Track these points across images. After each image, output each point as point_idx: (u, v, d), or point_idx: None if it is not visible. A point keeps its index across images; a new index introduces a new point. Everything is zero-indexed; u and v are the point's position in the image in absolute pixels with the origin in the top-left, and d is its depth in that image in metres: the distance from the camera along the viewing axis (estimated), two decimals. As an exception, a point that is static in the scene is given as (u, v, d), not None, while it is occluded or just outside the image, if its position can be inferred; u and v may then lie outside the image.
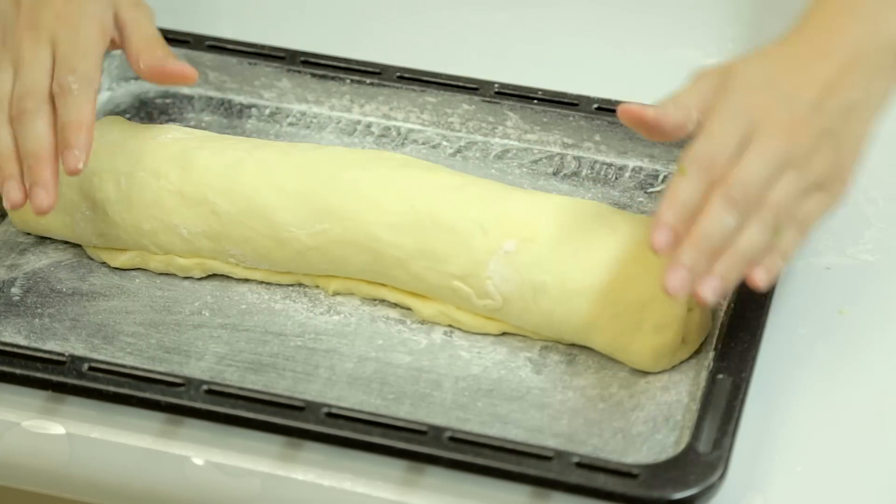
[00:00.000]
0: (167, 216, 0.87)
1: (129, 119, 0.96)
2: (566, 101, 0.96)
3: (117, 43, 0.91)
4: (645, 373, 0.83)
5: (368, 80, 0.98)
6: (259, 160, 0.88)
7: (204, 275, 0.89)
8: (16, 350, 0.82)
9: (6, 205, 0.85)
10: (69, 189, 0.88)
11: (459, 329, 0.86)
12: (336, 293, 0.87)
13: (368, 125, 0.98)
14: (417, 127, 0.98)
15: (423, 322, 0.86)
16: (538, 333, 0.85)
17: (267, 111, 0.99)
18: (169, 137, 0.90)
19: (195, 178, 0.87)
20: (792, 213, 0.80)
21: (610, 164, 0.95)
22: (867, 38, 0.82)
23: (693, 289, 0.77)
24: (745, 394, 0.79)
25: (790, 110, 0.81)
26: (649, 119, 0.82)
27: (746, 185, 0.79)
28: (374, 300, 0.87)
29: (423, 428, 0.78)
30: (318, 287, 0.88)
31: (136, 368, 0.81)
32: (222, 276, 0.89)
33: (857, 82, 0.82)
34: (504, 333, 0.85)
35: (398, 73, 0.98)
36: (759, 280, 0.79)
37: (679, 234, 0.78)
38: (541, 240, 0.83)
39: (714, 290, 0.78)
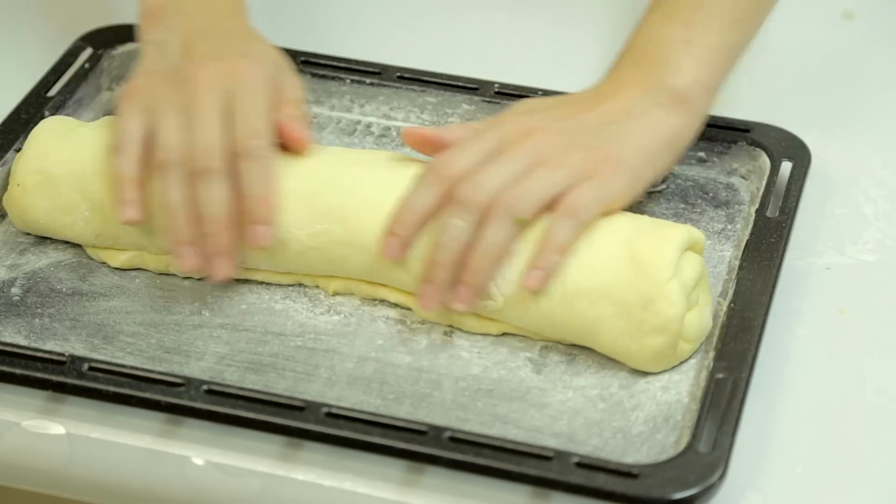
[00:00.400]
0: (166, 217, 0.87)
1: (129, 119, 0.96)
2: (566, 101, 0.96)
3: None
4: (645, 373, 0.83)
5: (368, 80, 0.98)
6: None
7: (203, 275, 0.89)
8: (16, 350, 0.82)
9: (179, 268, 0.84)
10: (69, 189, 0.88)
11: (459, 329, 0.86)
12: (336, 293, 0.87)
13: (368, 125, 0.98)
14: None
15: (423, 322, 0.86)
16: (538, 334, 0.85)
17: (267, 111, 0.99)
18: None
19: (195, 178, 0.87)
20: (535, 201, 0.82)
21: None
22: (647, 82, 0.87)
23: (447, 303, 0.82)
24: (744, 394, 0.79)
25: (544, 123, 0.85)
26: (430, 136, 0.85)
27: (476, 186, 0.82)
28: (374, 300, 0.87)
29: (423, 428, 0.78)
30: (318, 287, 0.88)
31: (136, 368, 0.81)
32: (222, 276, 0.89)
33: (630, 111, 0.86)
34: (504, 333, 0.85)
35: (398, 73, 0.98)
36: (532, 284, 0.82)
37: (405, 239, 0.82)
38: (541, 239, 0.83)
39: (464, 298, 0.82)
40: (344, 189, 0.86)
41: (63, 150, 0.89)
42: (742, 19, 0.89)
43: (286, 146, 0.87)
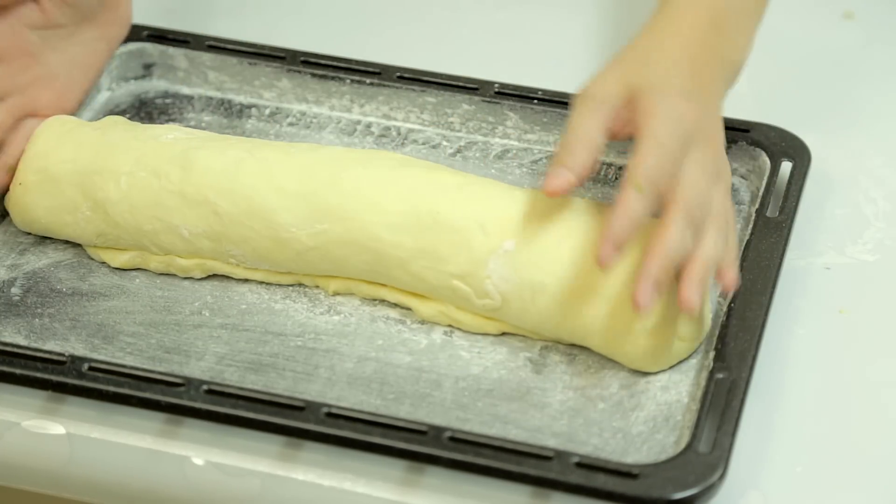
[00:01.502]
0: (168, 216, 0.87)
1: (129, 119, 0.96)
2: (566, 101, 0.96)
3: None
4: (645, 373, 0.83)
5: (368, 80, 0.98)
6: (260, 160, 0.88)
7: (204, 275, 0.89)
8: (16, 350, 0.82)
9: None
10: (70, 188, 0.88)
11: (459, 329, 0.86)
12: (336, 293, 0.88)
13: (368, 125, 0.98)
14: (417, 127, 0.98)
15: (422, 322, 0.86)
16: (537, 333, 0.85)
17: (267, 111, 0.99)
18: (170, 137, 0.90)
19: (196, 179, 0.87)
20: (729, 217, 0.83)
21: (609, 164, 0.95)
22: (724, 52, 0.87)
23: (683, 301, 0.80)
24: (744, 394, 0.79)
25: (702, 115, 0.84)
26: (572, 184, 0.82)
27: (699, 202, 0.81)
28: (374, 300, 0.87)
29: (423, 428, 0.78)
30: (318, 287, 0.88)
31: (136, 368, 0.81)
32: (222, 276, 0.89)
33: (717, 77, 0.86)
34: (504, 333, 0.86)
35: (398, 73, 0.98)
36: (732, 283, 0.82)
37: (623, 249, 0.80)
38: (540, 239, 0.83)
39: (695, 301, 0.80)
40: (344, 189, 0.86)
41: (64, 149, 0.90)
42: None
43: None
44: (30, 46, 0.92)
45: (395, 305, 0.87)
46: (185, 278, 0.89)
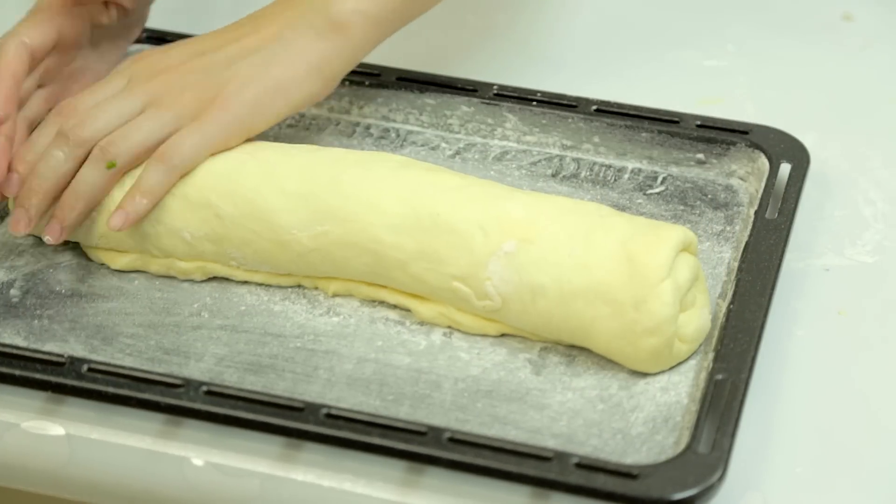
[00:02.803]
0: (170, 219, 0.87)
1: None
2: (565, 102, 0.96)
3: None
4: (644, 374, 0.83)
5: (367, 82, 0.98)
6: (261, 161, 0.88)
7: (204, 278, 0.89)
8: (15, 351, 0.82)
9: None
10: None
11: (459, 330, 0.86)
12: (336, 295, 0.88)
13: (367, 127, 0.99)
14: (416, 129, 0.98)
15: (422, 323, 0.86)
16: (537, 335, 0.85)
17: (266, 113, 0.99)
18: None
19: (198, 181, 0.87)
20: (131, 147, 0.84)
21: (609, 166, 0.96)
22: (310, 6, 0.87)
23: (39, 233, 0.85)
24: (744, 395, 0.80)
25: (174, 59, 0.87)
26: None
27: (82, 122, 0.84)
28: (374, 302, 0.88)
29: (423, 429, 0.78)
30: (317, 289, 0.88)
31: (136, 370, 0.81)
32: (222, 278, 0.89)
33: (275, 36, 0.87)
34: (503, 335, 0.86)
35: (397, 75, 0.98)
36: (113, 224, 0.84)
37: (23, 175, 0.84)
38: (540, 241, 0.84)
39: (51, 231, 0.85)
40: (344, 190, 0.86)
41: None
42: None
43: None
44: (82, 40, 0.94)
45: (395, 307, 0.87)
46: (185, 280, 0.89)
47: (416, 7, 0.90)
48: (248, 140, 0.91)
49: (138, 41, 1.00)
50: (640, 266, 0.81)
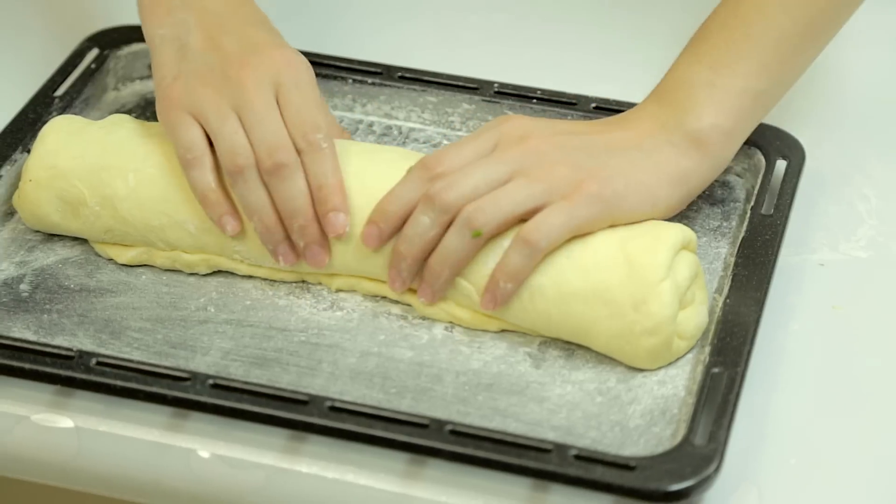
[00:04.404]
0: (175, 212, 0.87)
1: (135, 118, 0.97)
2: (564, 100, 0.96)
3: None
4: (642, 368, 0.83)
5: (370, 80, 0.98)
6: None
7: (209, 271, 0.89)
8: (25, 345, 0.82)
9: (281, 263, 0.85)
10: (79, 184, 0.89)
11: (460, 325, 0.86)
12: (339, 290, 0.88)
13: (370, 124, 0.99)
14: (418, 126, 0.98)
15: (424, 318, 0.86)
16: (537, 332, 0.85)
17: (270, 110, 0.99)
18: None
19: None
20: (498, 216, 0.80)
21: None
22: (665, 119, 0.85)
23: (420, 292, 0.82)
24: (740, 388, 0.80)
25: (546, 133, 0.83)
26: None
27: (449, 185, 0.81)
28: (377, 297, 0.88)
29: (425, 421, 0.78)
30: (320, 284, 0.88)
31: (143, 363, 0.82)
32: (227, 272, 0.89)
33: (641, 145, 0.84)
34: (503, 330, 0.86)
35: (399, 73, 0.98)
36: (485, 307, 0.82)
37: (385, 232, 0.82)
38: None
39: (424, 293, 0.83)
40: (347, 183, 0.86)
41: (73, 147, 0.90)
42: (772, 65, 0.86)
43: None
44: None
45: (397, 302, 0.87)
46: (191, 275, 0.89)
47: (763, 113, 0.87)
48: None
49: (143, 41, 0.99)
50: (638, 267, 0.81)
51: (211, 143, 0.85)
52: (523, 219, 0.82)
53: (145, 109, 0.99)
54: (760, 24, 0.86)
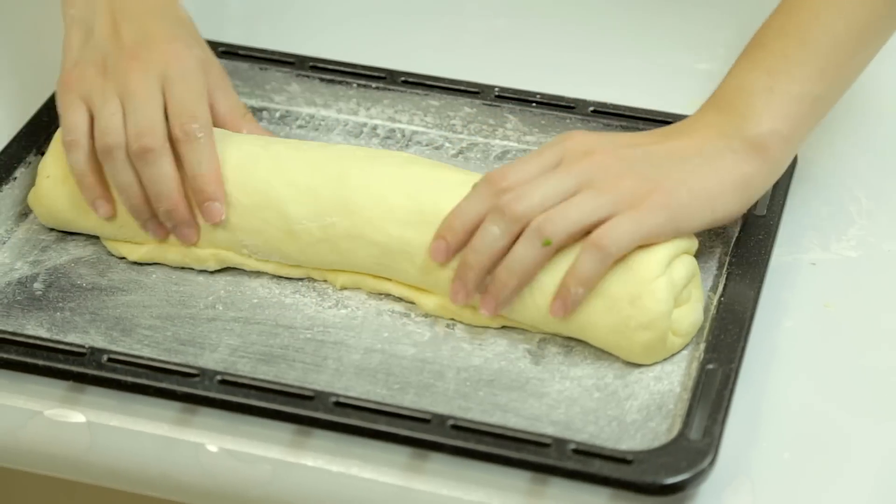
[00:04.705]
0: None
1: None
2: (563, 104, 0.96)
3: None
4: (639, 364, 0.83)
5: (374, 85, 0.98)
6: (273, 155, 0.88)
7: (218, 266, 0.89)
8: (38, 342, 0.82)
9: (154, 237, 0.86)
10: (92, 179, 0.89)
11: (461, 322, 0.86)
12: (343, 287, 0.88)
13: (374, 127, 0.98)
14: (421, 129, 0.98)
15: (426, 315, 0.86)
16: (536, 327, 0.85)
17: (277, 114, 0.99)
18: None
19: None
20: (568, 226, 0.80)
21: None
22: (724, 126, 0.84)
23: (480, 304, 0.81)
24: (734, 384, 0.80)
25: (609, 147, 0.82)
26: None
27: (518, 197, 0.80)
28: (380, 295, 0.88)
29: (427, 416, 0.78)
30: (326, 281, 0.88)
31: (153, 360, 0.82)
32: (235, 271, 0.89)
33: (702, 151, 0.83)
34: (504, 327, 0.86)
35: (403, 78, 0.98)
36: (555, 313, 0.81)
37: (453, 246, 0.81)
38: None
39: (486, 305, 0.82)
40: (351, 184, 0.86)
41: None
42: (829, 70, 0.85)
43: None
44: None
45: (400, 300, 0.87)
46: (200, 273, 0.89)
47: (819, 118, 0.86)
48: (259, 136, 0.91)
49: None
50: (635, 264, 0.81)
51: None
52: (588, 231, 0.81)
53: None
54: (817, 30, 0.85)
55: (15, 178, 0.92)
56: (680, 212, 0.81)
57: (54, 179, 0.89)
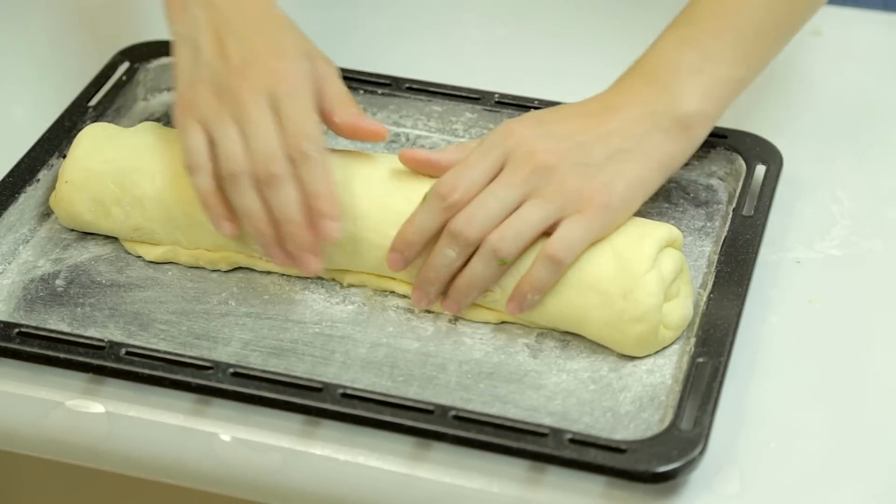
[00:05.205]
0: (198, 212, 0.87)
1: (162, 125, 0.96)
2: (560, 109, 0.96)
3: None
4: (632, 357, 0.83)
5: (380, 91, 0.98)
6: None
7: (229, 268, 0.89)
8: (60, 336, 0.82)
9: (277, 263, 0.84)
10: (111, 185, 0.88)
11: (462, 318, 0.86)
12: (350, 285, 0.88)
13: (380, 132, 0.98)
14: (424, 133, 0.98)
15: (429, 311, 0.86)
16: (534, 322, 0.85)
17: (287, 119, 0.99)
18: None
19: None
20: (521, 243, 0.80)
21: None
22: (654, 103, 0.84)
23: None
24: (723, 376, 0.79)
25: (547, 144, 0.82)
26: (425, 159, 0.84)
27: (468, 221, 0.80)
28: (385, 291, 0.87)
29: (430, 407, 0.78)
30: (333, 280, 0.88)
31: (169, 353, 0.81)
32: (247, 269, 0.89)
33: (632, 134, 0.83)
34: (503, 322, 0.86)
35: (407, 84, 0.98)
36: (511, 310, 0.82)
37: (410, 258, 0.82)
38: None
39: (449, 308, 0.83)
40: (355, 190, 0.86)
41: (105, 151, 0.90)
42: (752, 55, 0.86)
43: (363, 137, 0.86)
44: None
45: (404, 296, 0.87)
46: (213, 271, 0.89)
47: (734, 98, 0.86)
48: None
49: (170, 54, 0.99)
50: (626, 260, 0.81)
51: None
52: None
53: (172, 118, 0.99)
54: (746, 14, 0.85)
55: (38, 180, 0.92)
56: (619, 206, 0.82)
57: (72, 185, 0.89)
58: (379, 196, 0.85)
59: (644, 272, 0.81)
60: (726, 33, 0.85)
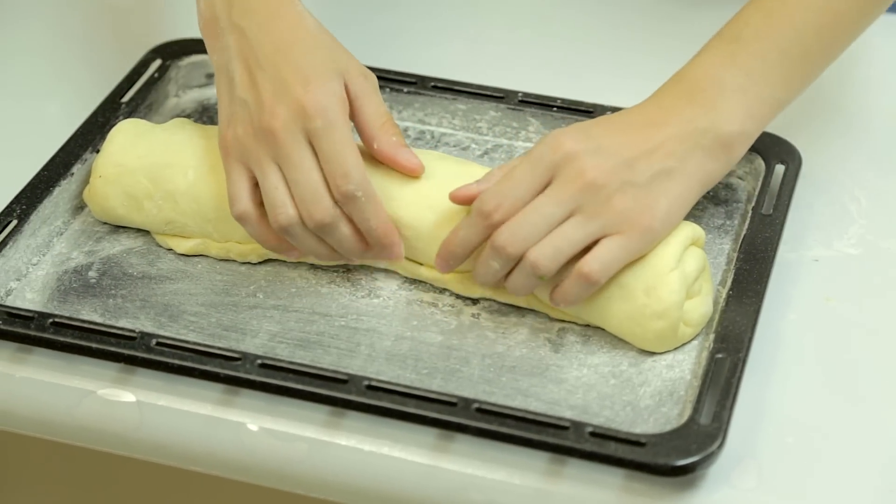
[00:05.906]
0: (227, 206, 0.86)
1: (193, 122, 0.95)
2: (583, 108, 0.95)
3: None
4: (652, 353, 0.82)
5: (406, 90, 0.97)
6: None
7: (259, 260, 0.88)
8: (92, 327, 0.82)
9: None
10: (144, 180, 0.88)
11: (486, 311, 0.84)
12: (387, 270, 0.86)
13: (405, 129, 0.97)
14: (449, 131, 0.97)
15: (453, 305, 0.85)
16: (558, 312, 0.83)
17: (315, 116, 0.98)
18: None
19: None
20: (560, 260, 0.79)
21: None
22: (698, 120, 0.81)
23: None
24: (741, 372, 0.78)
25: (596, 161, 0.79)
26: (475, 195, 0.81)
27: (512, 238, 0.79)
28: (410, 286, 0.86)
29: (453, 400, 0.77)
30: (363, 266, 0.87)
31: (198, 344, 0.81)
32: (275, 262, 0.88)
33: (675, 152, 0.80)
34: (526, 315, 0.84)
35: (432, 83, 0.97)
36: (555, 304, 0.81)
37: (452, 266, 0.81)
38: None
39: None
40: (388, 174, 0.84)
41: (138, 147, 0.89)
42: (795, 77, 0.84)
43: (397, 168, 0.84)
44: None
45: (429, 290, 0.86)
46: (243, 264, 0.88)
47: (775, 115, 0.84)
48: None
49: (201, 52, 0.98)
50: (651, 257, 0.80)
51: None
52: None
53: (202, 114, 0.98)
54: (793, 36, 0.83)
55: (72, 174, 0.91)
56: (660, 228, 0.80)
57: (105, 179, 0.88)
58: (412, 181, 0.84)
59: (668, 270, 0.80)
60: (772, 53, 0.83)
